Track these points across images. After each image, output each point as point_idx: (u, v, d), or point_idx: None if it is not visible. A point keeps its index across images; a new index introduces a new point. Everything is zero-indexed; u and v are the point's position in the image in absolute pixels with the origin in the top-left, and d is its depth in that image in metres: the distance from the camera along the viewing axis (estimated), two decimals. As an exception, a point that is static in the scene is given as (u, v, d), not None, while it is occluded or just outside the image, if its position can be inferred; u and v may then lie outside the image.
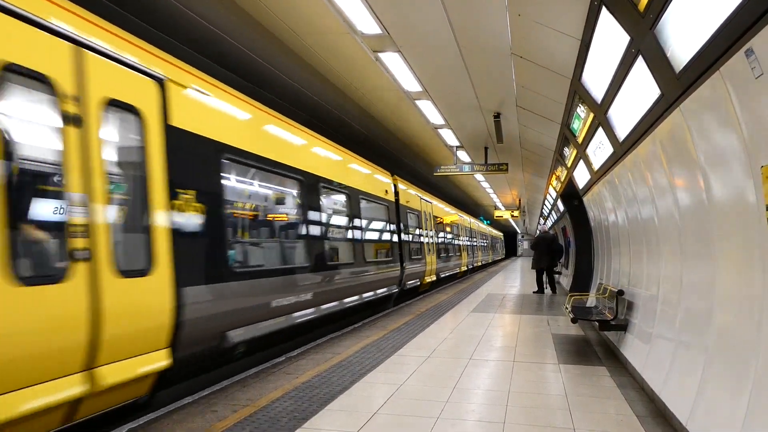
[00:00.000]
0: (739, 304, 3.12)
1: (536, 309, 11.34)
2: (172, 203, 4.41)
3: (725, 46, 2.65)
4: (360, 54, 7.27)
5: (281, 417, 4.21)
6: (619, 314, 6.36)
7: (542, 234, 15.47)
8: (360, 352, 6.66)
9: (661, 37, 3.33)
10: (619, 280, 7.30)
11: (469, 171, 13.97)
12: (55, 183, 3.54)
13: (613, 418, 4.25)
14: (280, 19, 6.28)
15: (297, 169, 6.90)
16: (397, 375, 5.57)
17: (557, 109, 7.79)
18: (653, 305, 5.12)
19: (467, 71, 7.88)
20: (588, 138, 6.89)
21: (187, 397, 4.83)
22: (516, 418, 4.23)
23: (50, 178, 3.60)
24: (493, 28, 6.17)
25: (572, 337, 7.80)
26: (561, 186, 12.28)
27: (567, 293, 11.74)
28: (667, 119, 3.89)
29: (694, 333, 3.91)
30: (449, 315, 10.29)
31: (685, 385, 3.77)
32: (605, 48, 4.58)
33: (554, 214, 20.39)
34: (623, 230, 7.03)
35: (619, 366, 5.92)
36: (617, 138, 5.55)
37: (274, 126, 6.52)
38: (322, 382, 5.25)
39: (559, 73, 6.36)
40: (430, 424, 4.09)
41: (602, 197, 8.17)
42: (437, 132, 12.17)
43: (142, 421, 4.17)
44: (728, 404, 3.04)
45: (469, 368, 5.89)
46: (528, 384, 5.27)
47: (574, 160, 8.92)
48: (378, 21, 6.19)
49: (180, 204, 4.52)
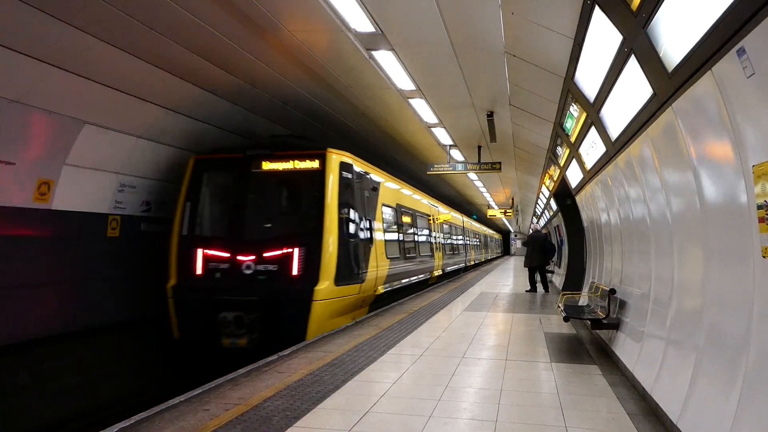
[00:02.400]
0: (729, 302, 3.14)
1: (529, 308, 11.37)
2: (383, 230, 11.15)
3: (717, 46, 2.65)
4: (353, 52, 7.25)
5: (273, 416, 4.20)
6: (611, 313, 6.38)
7: (535, 233, 15.53)
8: (353, 351, 6.66)
9: (654, 36, 3.34)
10: (611, 279, 7.33)
11: (463, 170, 13.98)
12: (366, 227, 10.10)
13: (605, 416, 4.27)
14: (270, 14, 6.24)
15: (411, 209, 14.41)
16: (390, 373, 5.56)
17: (550, 108, 7.80)
18: (645, 304, 5.15)
19: (461, 69, 7.88)
20: (581, 137, 6.91)
21: (180, 396, 4.80)
22: (508, 416, 4.24)
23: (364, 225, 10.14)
24: (486, 26, 6.17)
25: (564, 336, 7.83)
26: (554, 185, 12.33)
27: (559, 292, 11.78)
28: (659, 118, 3.90)
29: (685, 331, 3.93)
30: (442, 313, 10.31)
31: (676, 383, 3.79)
32: (598, 47, 4.59)
33: (547, 213, 20.46)
34: (615, 229, 7.06)
35: (611, 364, 5.95)
36: (610, 137, 5.57)
37: (407, 189, 14.37)
38: (314, 381, 5.24)
39: (553, 72, 6.37)
40: (423, 422, 4.09)
41: (595, 196, 8.20)
42: (431, 131, 12.17)
43: (134, 420, 4.15)
44: (719, 402, 3.05)
45: (462, 367, 5.90)
46: (520, 382, 5.28)
47: (566, 160, 8.95)
48: (371, 19, 6.17)
49: (382, 230, 11.08)
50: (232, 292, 8.39)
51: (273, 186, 9.42)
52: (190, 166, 9.30)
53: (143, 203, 9.52)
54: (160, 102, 8.37)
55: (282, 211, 9.70)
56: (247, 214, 9.12)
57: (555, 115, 7.89)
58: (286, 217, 9.52)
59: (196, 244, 8.84)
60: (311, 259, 8.48)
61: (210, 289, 8.50)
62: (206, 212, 9.43)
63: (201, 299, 8.46)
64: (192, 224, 9.08)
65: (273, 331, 8.24)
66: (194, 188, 9.22)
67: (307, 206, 9.37)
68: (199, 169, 9.27)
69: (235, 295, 8.34)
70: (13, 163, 6.86)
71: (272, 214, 9.35)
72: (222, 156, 9.39)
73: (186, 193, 9.19)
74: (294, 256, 8.52)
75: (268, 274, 8.51)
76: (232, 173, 9.35)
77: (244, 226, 8.96)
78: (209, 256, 8.75)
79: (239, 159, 9.21)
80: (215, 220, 9.52)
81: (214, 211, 9.55)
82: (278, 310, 8.26)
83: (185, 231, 9.03)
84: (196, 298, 8.52)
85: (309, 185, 9.11)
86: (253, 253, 8.58)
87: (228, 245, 8.73)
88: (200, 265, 8.73)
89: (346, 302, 9.05)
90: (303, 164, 9.04)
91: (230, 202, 9.33)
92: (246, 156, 9.20)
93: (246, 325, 8.12)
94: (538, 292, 14.74)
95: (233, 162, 9.25)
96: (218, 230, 9.36)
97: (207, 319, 8.28)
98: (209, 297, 8.40)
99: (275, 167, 9.11)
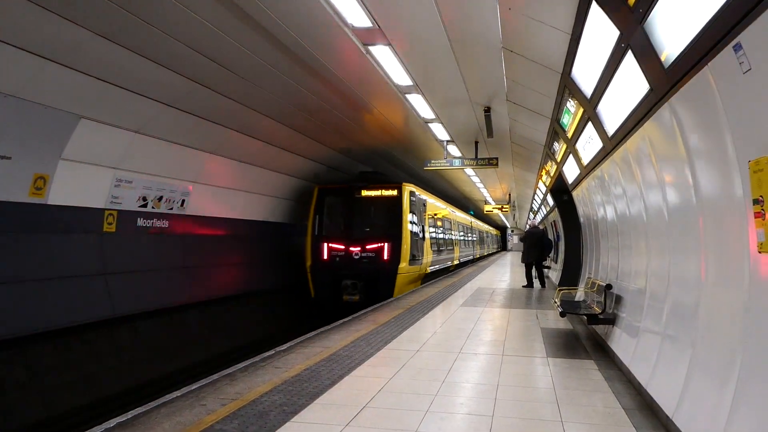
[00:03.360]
0: (724, 298, 3.15)
1: (525, 303, 11.41)
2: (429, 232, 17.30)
3: (714, 41, 2.65)
4: (350, 47, 7.23)
5: (270, 411, 4.20)
6: (607, 308, 6.40)
7: (532, 229, 15.56)
8: (350, 346, 6.67)
9: (651, 31, 3.34)
10: (608, 274, 7.35)
11: (460, 165, 13.95)
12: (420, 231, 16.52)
13: (601, 410, 4.29)
14: (266, 8, 6.22)
15: (441, 217, 20.02)
16: (387, 369, 5.57)
17: (547, 104, 7.80)
18: (641, 299, 5.16)
19: (458, 65, 7.86)
20: (577, 133, 6.91)
21: (176, 391, 4.80)
22: (505, 411, 4.26)
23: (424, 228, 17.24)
24: (483, 21, 6.15)
25: (561, 331, 7.85)
26: (551, 181, 12.34)
27: (556, 287, 11.81)
28: (655, 114, 3.90)
29: (680, 327, 3.95)
30: (439, 309, 10.32)
31: (672, 377, 3.81)
32: (595, 42, 4.59)
33: (544, 208, 20.49)
34: (612, 225, 7.07)
35: (607, 359, 5.97)
36: (606, 133, 5.57)
37: (439, 203, 20.49)
38: (311, 376, 5.25)
39: (550, 68, 6.37)
40: (419, 417, 4.10)
41: (591, 192, 8.21)
42: (428, 126, 12.15)
43: (130, 415, 4.15)
44: (714, 396, 3.07)
45: (459, 362, 5.91)
46: (517, 378, 5.30)
47: (563, 155, 8.96)
48: (368, 13, 6.15)
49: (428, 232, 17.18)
50: (347, 269, 14.31)
51: (369, 205, 15.18)
52: (315, 192, 15.05)
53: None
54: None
55: (375, 221, 15.09)
56: (354, 223, 15.01)
57: (552, 110, 7.89)
58: (378, 225, 14.95)
59: (323, 240, 14.70)
60: (395, 250, 14.36)
61: (334, 267, 14.42)
62: (327, 220, 15.05)
63: (329, 273, 14.41)
64: (319, 228, 14.85)
65: (371, 293, 13.83)
66: (318, 206, 14.96)
67: (390, 218, 14.81)
68: (321, 194, 15.08)
69: (349, 271, 14.27)
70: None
71: (370, 223, 15.05)
72: (335, 186, 15.37)
73: (314, 208, 14.94)
74: (385, 248, 14.40)
75: (369, 259, 14.40)
76: (342, 197, 15.19)
77: (352, 229, 14.89)
78: (331, 247, 14.62)
79: (346, 188, 15.18)
80: (333, 226, 15.10)
81: (332, 220, 15.19)
82: (376, 281, 14.11)
83: (316, 232, 14.81)
84: (326, 272, 14.44)
85: (392, 205, 14.86)
86: (359, 246, 14.47)
87: (343, 241, 14.60)
88: (326, 253, 14.61)
89: (413, 277, 15.25)
90: (387, 192, 15.01)
91: (342, 214, 15.22)
92: (350, 186, 15.19)
93: (358, 288, 14.12)
94: (535, 287, 14.77)
95: (343, 190, 15.20)
96: (336, 232, 14.91)
97: (333, 285, 14.32)
98: (334, 272, 14.34)
99: (370, 194, 15.08)
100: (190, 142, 9.89)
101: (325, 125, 11.75)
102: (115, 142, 8.32)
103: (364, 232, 14.71)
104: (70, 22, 5.91)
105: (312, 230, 14.79)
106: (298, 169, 14.15)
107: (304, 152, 13.40)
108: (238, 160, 11.60)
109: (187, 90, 8.20)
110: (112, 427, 3.92)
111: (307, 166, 14.42)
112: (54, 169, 7.45)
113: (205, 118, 9.43)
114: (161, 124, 8.79)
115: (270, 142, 11.75)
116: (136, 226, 9.51)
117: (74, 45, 6.32)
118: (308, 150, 13.36)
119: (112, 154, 8.44)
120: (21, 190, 7.12)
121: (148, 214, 9.77)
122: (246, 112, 9.75)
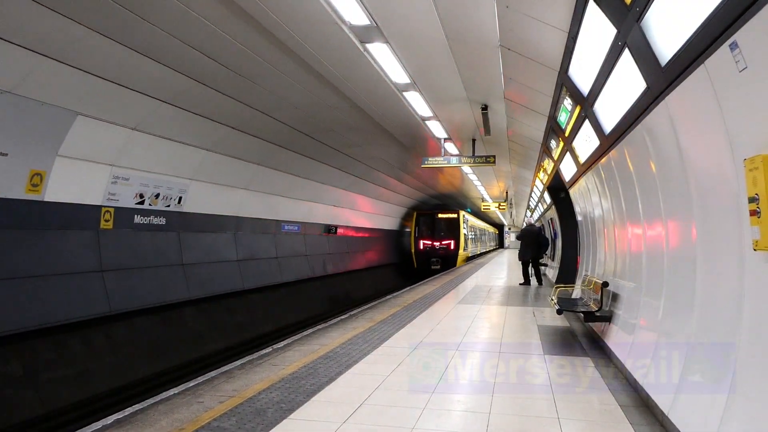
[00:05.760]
0: (720, 296, 3.17)
1: (522, 300, 11.43)
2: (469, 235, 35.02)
3: (710, 40, 2.66)
4: (347, 45, 7.22)
5: (268, 408, 4.21)
6: (603, 306, 6.42)
7: (529, 226, 15.57)
8: (347, 344, 6.68)
9: (648, 30, 3.34)
10: (604, 271, 7.37)
11: (457, 163, 13.94)
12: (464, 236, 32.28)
13: (597, 407, 4.31)
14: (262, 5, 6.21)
15: (475, 226, 39.71)
16: (384, 366, 5.58)
17: (544, 102, 7.80)
18: (637, 297, 5.18)
19: (455, 63, 7.86)
20: (575, 131, 6.92)
21: (173, 389, 4.81)
22: (501, 408, 4.27)
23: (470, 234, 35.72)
24: (480, 19, 6.14)
25: (558, 329, 7.88)
26: (548, 178, 12.36)
27: (553, 285, 11.84)
28: (652, 112, 3.91)
29: (676, 324, 3.97)
30: (436, 306, 10.34)
31: (667, 375, 3.83)
32: (592, 41, 4.59)
33: (541, 206, 20.53)
34: (609, 222, 7.09)
35: (604, 357, 5.99)
36: (603, 131, 5.58)
37: (470, 217, 35.83)
38: (308, 374, 5.26)
39: (547, 66, 6.37)
40: (416, 414, 4.12)
41: (588, 189, 8.23)
42: (425, 124, 12.15)
43: (128, 412, 4.15)
44: (709, 394, 3.08)
45: (456, 359, 5.93)
46: (513, 374, 5.32)
47: (560, 153, 8.97)
48: (366, 11, 6.14)
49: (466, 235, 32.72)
50: (433, 254, 28.94)
51: (441, 221, 29.81)
52: (415, 215, 29.34)
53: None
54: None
55: (445, 229, 29.49)
56: (435, 230, 29.44)
57: (549, 108, 7.89)
58: (447, 231, 29.46)
59: (420, 239, 29.08)
60: (456, 244, 29.41)
61: (426, 253, 28.97)
62: (421, 230, 29.30)
63: (423, 254, 28.96)
64: (418, 233, 29.18)
65: (445, 265, 27.82)
66: (417, 222, 29.28)
67: (453, 228, 29.76)
68: (418, 216, 29.39)
69: (433, 255, 28.86)
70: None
71: (443, 230, 29.48)
72: (426, 212, 29.96)
73: (414, 223, 29.18)
74: (451, 243, 29.29)
75: (443, 249, 29.12)
76: (429, 217, 29.78)
77: (434, 234, 29.32)
78: (425, 243, 29.03)
79: (431, 213, 30.10)
80: (425, 231, 29.31)
81: (424, 229, 29.37)
82: (447, 258, 28.74)
83: (416, 235, 29.07)
84: (422, 254, 28.97)
85: (454, 221, 29.99)
86: (438, 242, 29.13)
87: (430, 240, 29.14)
88: (422, 245, 29.00)
89: (464, 258, 31.24)
90: (451, 215, 30.21)
91: (428, 226, 29.52)
92: (434, 212, 30.21)
93: (439, 263, 28.22)
94: (532, 285, 14.79)
95: (430, 214, 29.95)
96: (426, 235, 29.18)
97: (426, 261, 28.71)
98: (427, 254, 28.92)
99: (443, 216, 30.04)
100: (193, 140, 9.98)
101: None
102: (112, 139, 8.30)
103: (440, 235, 29.19)
104: (67, 18, 5.89)
105: (414, 234, 29.08)
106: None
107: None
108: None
109: (185, 87, 8.18)
110: (109, 423, 3.93)
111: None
112: (51, 166, 7.44)
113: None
114: (158, 120, 8.77)
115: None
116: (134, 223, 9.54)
117: (71, 41, 6.30)
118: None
119: (109, 151, 8.42)
120: (17, 186, 7.10)
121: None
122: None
